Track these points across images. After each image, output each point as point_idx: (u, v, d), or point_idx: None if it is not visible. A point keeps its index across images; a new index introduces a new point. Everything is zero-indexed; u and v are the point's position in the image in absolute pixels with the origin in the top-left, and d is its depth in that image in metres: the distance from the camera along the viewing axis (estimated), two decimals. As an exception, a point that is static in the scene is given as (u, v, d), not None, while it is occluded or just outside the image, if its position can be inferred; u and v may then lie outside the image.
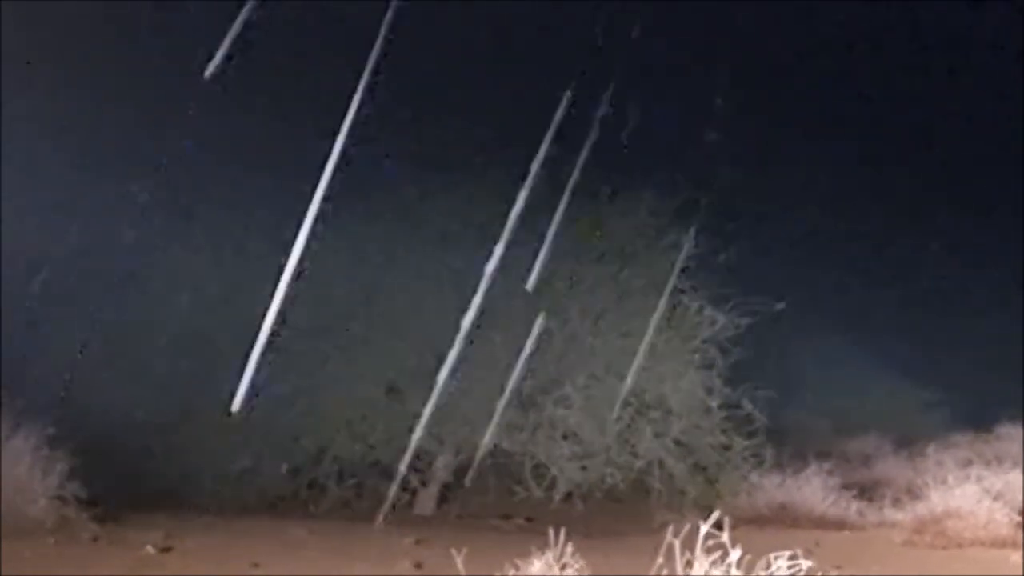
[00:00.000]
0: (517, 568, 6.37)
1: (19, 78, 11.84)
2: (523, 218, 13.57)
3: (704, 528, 5.87)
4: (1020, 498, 11.46)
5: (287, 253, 13.14)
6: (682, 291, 13.06)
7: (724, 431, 12.58)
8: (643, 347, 12.79)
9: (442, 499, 13.04)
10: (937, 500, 11.30)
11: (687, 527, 5.85)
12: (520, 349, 12.84)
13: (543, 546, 6.36)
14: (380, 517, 11.60)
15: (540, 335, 12.93)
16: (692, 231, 13.37)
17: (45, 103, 12.67)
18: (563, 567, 6.30)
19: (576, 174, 13.69)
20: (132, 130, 13.29)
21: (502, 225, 13.48)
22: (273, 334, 10.37)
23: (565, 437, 12.59)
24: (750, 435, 12.56)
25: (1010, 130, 18.86)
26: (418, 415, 12.53)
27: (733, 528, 5.84)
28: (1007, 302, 19.83)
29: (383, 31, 10.87)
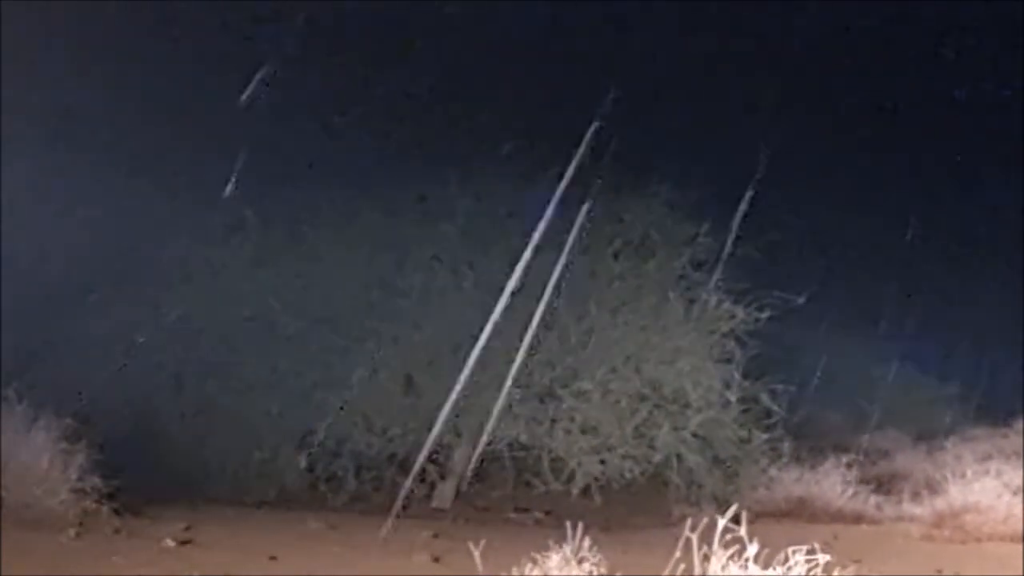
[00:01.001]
0: (535, 562, 6.38)
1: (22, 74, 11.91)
2: (540, 212, 13.63)
3: (722, 522, 5.87)
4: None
5: (305, 248, 13.29)
6: (700, 285, 13.05)
7: (742, 425, 12.56)
8: (661, 341, 12.79)
9: (459, 492, 13.05)
10: (956, 494, 11.27)
11: (705, 521, 5.86)
12: (539, 342, 12.86)
13: (560, 539, 6.37)
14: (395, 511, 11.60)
15: (559, 329, 12.95)
16: (709, 225, 13.37)
17: (59, 97, 12.75)
18: (580, 561, 6.31)
19: (593, 168, 13.73)
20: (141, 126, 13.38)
21: (520, 218, 13.53)
22: None
23: (583, 431, 12.58)
24: (768, 429, 12.55)
25: (1017, 118, 18.80)
26: (436, 408, 12.58)
27: (751, 522, 5.84)
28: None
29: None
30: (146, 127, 13.47)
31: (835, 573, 6.06)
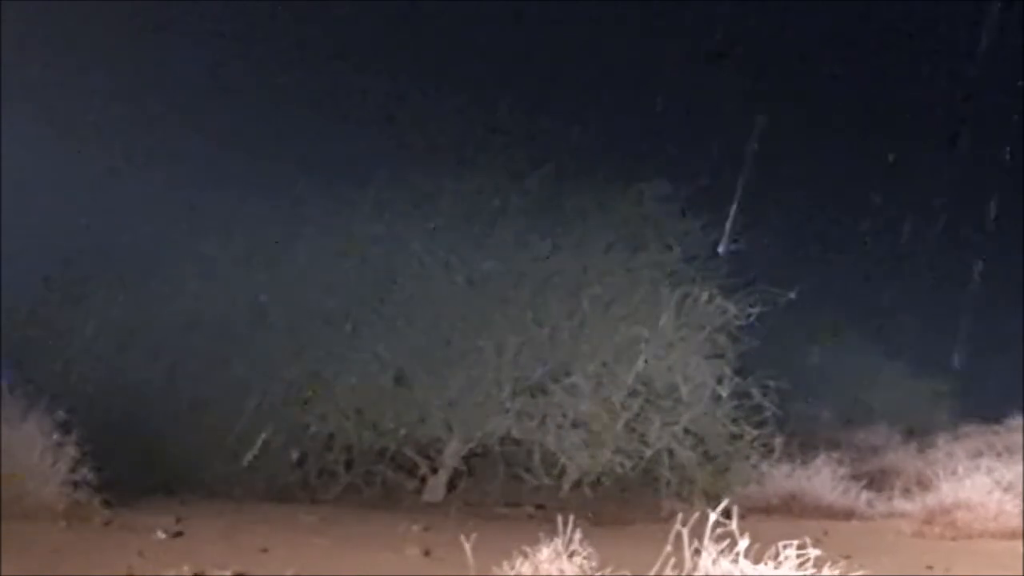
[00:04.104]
0: (525, 555, 6.39)
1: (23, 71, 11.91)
2: (534, 206, 13.65)
3: (713, 517, 5.89)
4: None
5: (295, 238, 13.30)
6: (692, 280, 13.05)
7: (734, 420, 12.56)
8: (653, 336, 12.78)
9: (451, 486, 13.06)
10: (947, 491, 11.28)
11: (696, 516, 5.88)
12: (530, 337, 12.86)
13: (551, 533, 6.38)
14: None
15: (550, 323, 12.95)
16: (702, 220, 13.39)
17: (49, 94, 12.75)
18: (571, 554, 6.33)
19: (586, 162, 13.74)
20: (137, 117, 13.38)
21: (513, 213, 13.53)
22: None
23: (575, 425, 12.58)
24: (760, 425, 12.55)
25: (1017, 121, 18.89)
26: (427, 402, 12.59)
27: (742, 517, 5.86)
28: (1020, 293, 19.81)
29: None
30: (144, 120, 13.48)
31: (826, 568, 6.07)
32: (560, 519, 6.33)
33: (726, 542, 5.90)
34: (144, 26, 13.72)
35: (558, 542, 6.35)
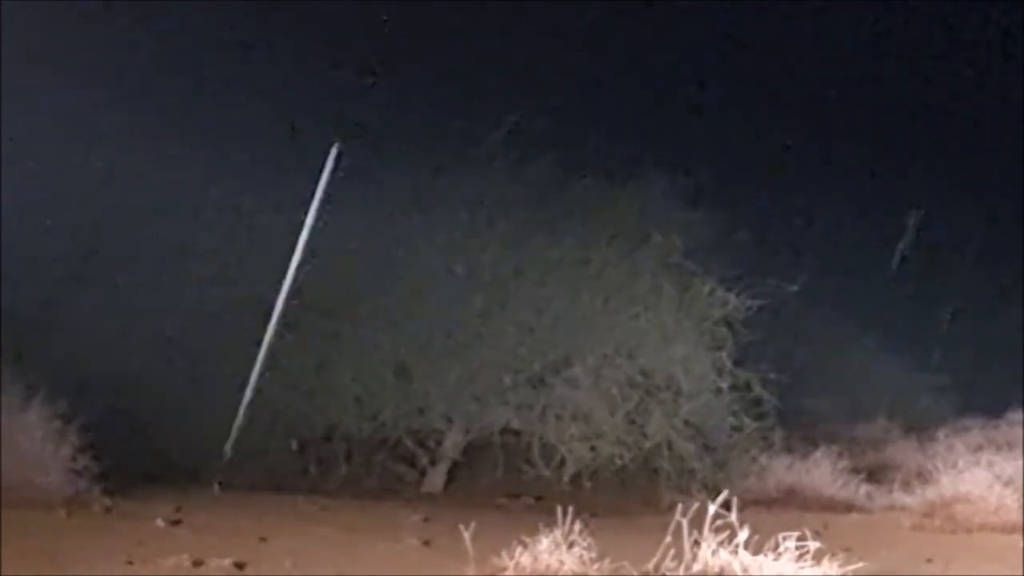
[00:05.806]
0: (524, 546, 6.40)
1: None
2: (535, 198, 13.64)
3: (712, 508, 5.90)
4: (1030, 484, 11.42)
5: (299, 228, 13.29)
6: (693, 272, 13.05)
7: (734, 413, 12.57)
8: (653, 328, 12.79)
9: (451, 477, 13.07)
10: (947, 485, 11.27)
11: (695, 507, 5.89)
12: (531, 328, 12.87)
13: (551, 524, 6.39)
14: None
15: (551, 315, 12.96)
16: (703, 213, 13.39)
17: (50, 93, 12.75)
18: (570, 545, 6.34)
19: (588, 155, 13.74)
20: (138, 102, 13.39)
21: (514, 204, 13.53)
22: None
23: (574, 417, 12.59)
24: (760, 417, 12.56)
25: (1017, 119, 18.89)
26: (427, 394, 12.60)
27: (741, 509, 5.88)
28: (1021, 292, 19.80)
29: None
30: (145, 119, 13.49)
31: (825, 561, 6.08)
32: (559, 510, 6.33)
33: (726, 533, 5.91)
34: (145, 26, 13.74)
35: (557, 533, 6.36)
